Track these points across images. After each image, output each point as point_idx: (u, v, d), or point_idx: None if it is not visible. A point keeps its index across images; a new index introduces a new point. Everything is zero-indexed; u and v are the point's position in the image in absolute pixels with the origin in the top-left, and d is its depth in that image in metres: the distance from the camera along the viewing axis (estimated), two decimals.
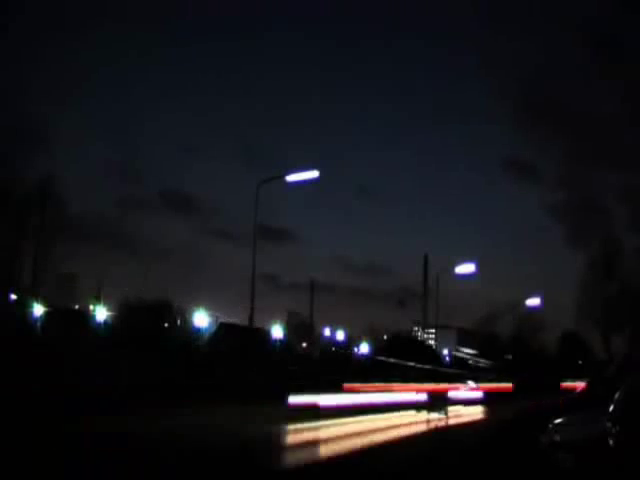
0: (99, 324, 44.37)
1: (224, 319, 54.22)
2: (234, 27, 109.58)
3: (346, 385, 30.84)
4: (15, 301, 38.23)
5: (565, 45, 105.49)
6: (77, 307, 50.96)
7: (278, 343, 54.31)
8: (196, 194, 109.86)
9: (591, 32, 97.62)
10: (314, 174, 28.49)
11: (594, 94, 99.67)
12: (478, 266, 44.43)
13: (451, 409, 26.59)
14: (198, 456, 12.52)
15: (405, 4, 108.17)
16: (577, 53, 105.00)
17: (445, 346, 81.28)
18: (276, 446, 15.03)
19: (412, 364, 47.91)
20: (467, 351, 73.44)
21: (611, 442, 8.11)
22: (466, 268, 44.07)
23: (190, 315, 50.76)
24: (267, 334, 53.07)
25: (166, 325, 47.41)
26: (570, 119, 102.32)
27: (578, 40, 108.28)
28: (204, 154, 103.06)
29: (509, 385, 44.06)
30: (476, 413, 30.69)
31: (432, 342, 73.45)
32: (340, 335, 69.75)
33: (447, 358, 77.99)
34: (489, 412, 30.80)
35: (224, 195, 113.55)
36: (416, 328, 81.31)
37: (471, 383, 44.09)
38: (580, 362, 60.33)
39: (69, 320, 39.37)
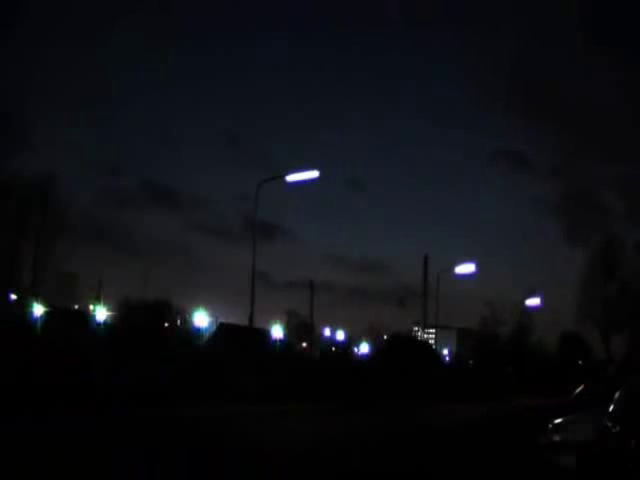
0: (99, 324, 44.37)
1: (223, 319, 54.22)
2: (229, 26, 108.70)
3: None
4: (15, 301, 38.19)
5: (561, 36, 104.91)
6: (77, 307, 50.93)
7: (278, 343, 54.27)
8: (185, 190, 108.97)
9: (588, 24, 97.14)
10: (314, 174, 28.49)
11: (590, 86, 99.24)
12: (478, 266, 44.48)
13: None
14: None
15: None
16: (574, 45, 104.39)
17: (445, 346, 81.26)
18: None
19: None
20: None
21: (611, 442, 8.10)
22: (466, 268, 44.08)
23: (190, 315, 50.78)
24: (267, 334, 53.03)
25: (166, 325, 47.37)
26: (569, 115, 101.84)
27: (574, 31, 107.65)
28: (190, 149, 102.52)
29: None
30: None
31: (432, 342, 73.38)
32: (340, 335, 69.72)
33: (447, 358, 77.97)
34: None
35: (214, 192, 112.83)
36: (416, 328, 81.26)
37: None
38: (580, 362, 60.31)
39: (69, 320, 39.35)
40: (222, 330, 50.26)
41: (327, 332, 69.96)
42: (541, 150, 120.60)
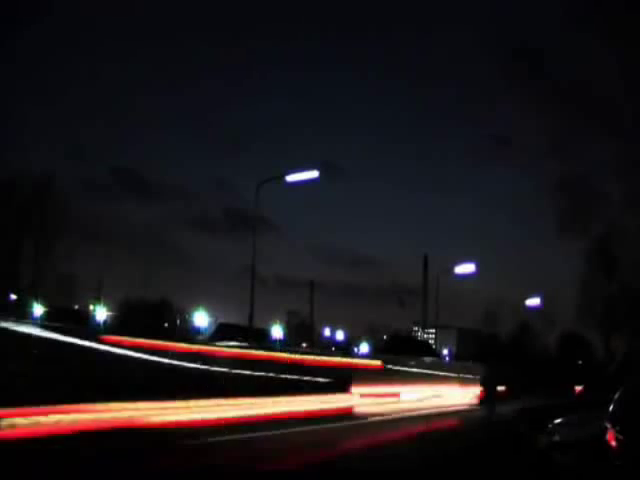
0: (99, 324, 44.43)
1: (222, 319, 54.25)
2: (208, 16, 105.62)
3: None
4: (15, 301, 38.25)
5: (556, 15, 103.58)
6: (77, 307, 50.98)
7: (278, 343, 54.33)
8: (155, 179, 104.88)
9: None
10: (314, 174, 28.52)
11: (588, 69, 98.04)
12: (478, 265, 44.47)
13: None
14: None
15: None
16: (571, 24, 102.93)
17: (445, 346, 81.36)
18: None
19: None
20: None
21: (611, 442, 8.11)
22: (466, 268, 44.08)
23: (190, 315, 50.88)
24: (267, 334, 53.06)
25: (166, 325, 47.45)
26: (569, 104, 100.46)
27: (573, 9, 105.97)
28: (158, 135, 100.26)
29: None
30: None
31: (432, 342, 73.46)
32: (340, 335, 69.89)
33: (447, 358, 78.05)
34: None
35: (187, 179, 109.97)
36: (416, 328, 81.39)
37: None
38: (580, 362, 60.30)
39: (69, 320, 39.34)
40: (221, 330, 50.28)
41: (327, 332, 70.15)
42: (539, 141, 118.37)
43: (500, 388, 23.96)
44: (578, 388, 20.36)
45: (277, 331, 56.24)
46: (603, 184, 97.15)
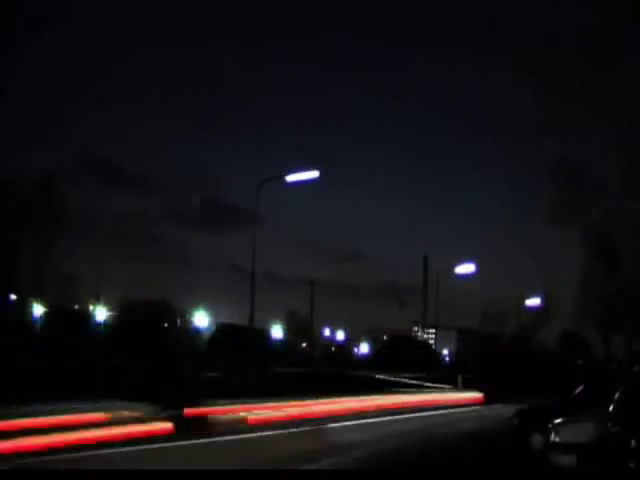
0: (99, 324, 44.48)
1: (221, 318, 54.21)
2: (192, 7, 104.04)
3: None
4: (15, 301, 38.24)
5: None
6: (77, 307, 50.92)
7: (278, 343, 54.35)
8: (131, 170, 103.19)
9: None
10: (314, 174, 28.57)
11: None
12: (478, 265, 44.48)
13: None
14: None
15: None
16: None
17: (445, 346, 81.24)
18: None
19: None
20: None
21: (611, 442, 8.12)
22: (466, 268, 44.10)
23: (190, 315, 50.82)
24: (267, 334, 53.05)
25: (166, 325, 47.41)
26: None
27: None
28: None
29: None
30: None
31: (432, 342, 73.42)
32: (340, 335, 69.88)
33: (447, 358, 78.00)
34: None
35: (162, 170, 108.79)
36: (416, 328, 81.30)
37: None
38: (580, 361, 60.32)
39: (69, 320, 39.38)
40: (221, 330, 50.30)
41: (327, 332, 70.10)
42: (539, 133, 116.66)
43: None
44: None
45: (277, 331, 56.22)
46: (603, 180, 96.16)
